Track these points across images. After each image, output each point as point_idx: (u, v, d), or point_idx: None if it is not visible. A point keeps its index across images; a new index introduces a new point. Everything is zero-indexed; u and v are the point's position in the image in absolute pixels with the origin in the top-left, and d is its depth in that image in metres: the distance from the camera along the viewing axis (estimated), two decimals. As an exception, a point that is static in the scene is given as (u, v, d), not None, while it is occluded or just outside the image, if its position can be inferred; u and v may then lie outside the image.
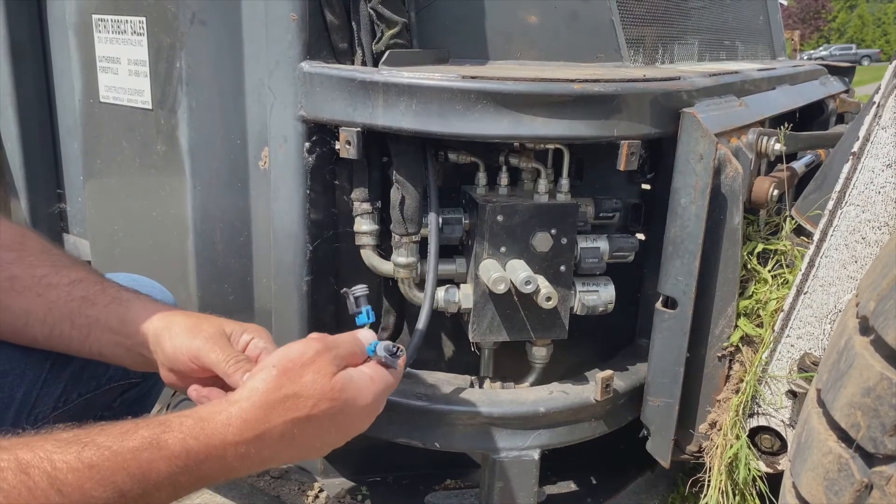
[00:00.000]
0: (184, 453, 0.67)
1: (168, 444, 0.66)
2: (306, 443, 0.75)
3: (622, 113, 1.16)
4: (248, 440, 0.70)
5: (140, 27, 1.41)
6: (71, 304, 0.91)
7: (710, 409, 1.29)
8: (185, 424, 0.69)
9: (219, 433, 0.69)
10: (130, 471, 0.64)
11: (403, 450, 1.37)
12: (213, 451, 0.68)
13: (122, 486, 0.63)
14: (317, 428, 0.74)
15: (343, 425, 0.78)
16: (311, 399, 0.73)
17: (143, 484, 0.65)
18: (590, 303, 1.30)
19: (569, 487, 1.63)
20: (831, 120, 2.03)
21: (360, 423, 0.81)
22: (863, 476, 0.74)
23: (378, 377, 0.82)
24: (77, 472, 0.62)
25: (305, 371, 0.74)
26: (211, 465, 0.68)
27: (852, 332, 0.82)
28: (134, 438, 0.66)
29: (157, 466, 0.65)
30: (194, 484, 0.69)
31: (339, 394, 0.75)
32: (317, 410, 0.73)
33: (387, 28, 1.22)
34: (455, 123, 1.13)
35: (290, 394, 0.72)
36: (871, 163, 1.07)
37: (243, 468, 0.72)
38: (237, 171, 1.39)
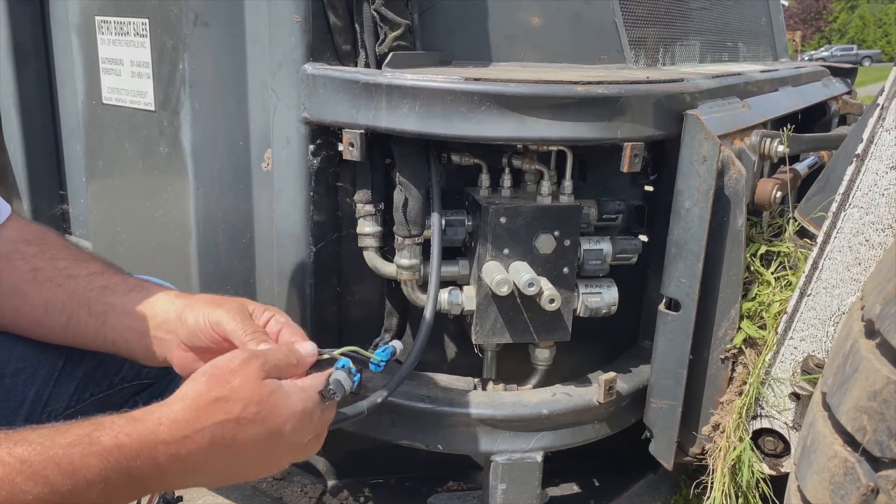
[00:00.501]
0: (115, 449, 0.67)
1: (100, 440, 0.67)
2: (239, 451, 0.75)
3: (625, 115, 1.16)
4: (178, 440, 0.70)
5: (143, 29, 1.41)
6: (90, 293, 0.92)
7: (713, 412, 1.28)
8: (117, 423, 0.69)
9: (150, 431, 0.69)
10: (62, 466, 0.64)
11: (406, 452, 1.37)
12: (145, 448, 0.68)
13: (52, 481, 0.63)
14: (248, 434, 0.74)
15: (276, 435, 0.76)
16: (240, 402, 0.73)
17: (74, 479, 0.64)
18: (593, 305, 1.30)
19: (571, 489, 1.63)
20: (834, 121, 2.03)
21: (293, 435, 0.78)
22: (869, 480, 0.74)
23: (311, 388, 0.80)
24: (7, 467, 0.62)
25: (234, 376, 0.74)
26: (143, 464, 0.68)
27: (858, 336, 0.81)
28: (67, 435, 0.66)
29: (89, 462, 0.65)
30: (127, 485, 0.69)
31: (267, 397, 0.74)
32: (246, 413, 0.73)
33: (390, 30, 1.22)
34: (458, 125, 1.13)
35: (219, 396, 0.73)
36: (874, 165, 1.07)
37: (176, 472, 0.71)
38: (240, 172, 1.38)
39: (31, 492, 0.62)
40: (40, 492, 0.62)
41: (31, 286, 0.92)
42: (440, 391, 1.33)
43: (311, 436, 0.82)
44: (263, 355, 0.79)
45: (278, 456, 0.80)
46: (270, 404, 0.75)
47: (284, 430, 0.77)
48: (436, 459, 1.48)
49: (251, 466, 0.79)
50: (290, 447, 0.80)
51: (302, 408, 0.78)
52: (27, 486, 0.62)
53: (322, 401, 0.81)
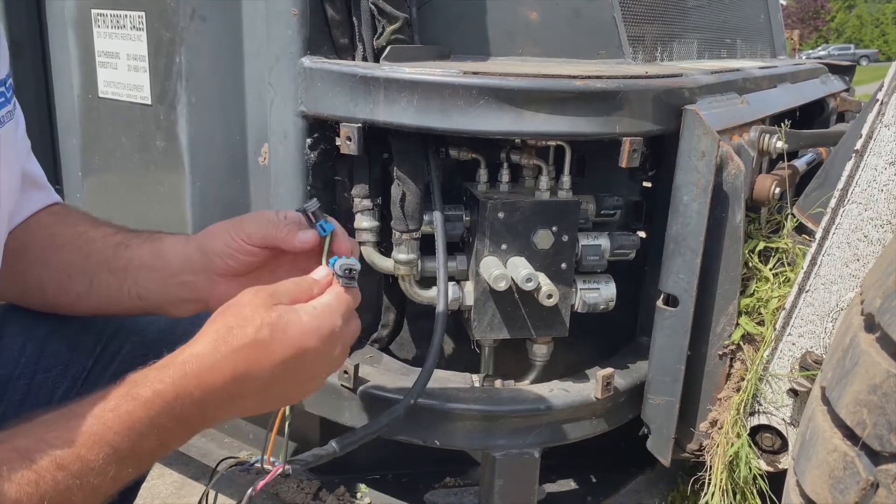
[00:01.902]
0: (156, 397, 0.71)
1: (140, 393, 0.71)
2: (268, 374, 0.76)
3: (624, 110, 1.15)
4: (205, 371, 0.73)
5: (139, 22, 1.40)
6: (107, 251, 0.94)
7: (710, 408, 1.28)
8: (149, 375, 0.73)
9: (179, 371, 0.73)
10: (116, 428, 0.68)
11: (403, 447, 1.36)
12: (179, 388, 0.72)
13: (113, 444, 0.68)
14: (270, 356, 0.75)
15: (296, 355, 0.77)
16: (251, 326, 0.75)
17: (130, 435, 0.69)
18: (591, 300, 1.29)
19: (569, 485, 1.62)
20: (832, 118, 2.03)
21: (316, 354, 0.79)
22: (868, 474, 0.74)
23: (323, 305, 0.81)
24: (71, 444, 0.66)
25: (244, 307, 0.77)
26: (182, 403, 0.72)
27: (857, 330, 0.81)
28: (110, 399, 0.70)
29: (138, 415, 0.70)
30: (176, 426, 0.73)
31: (276, 319, 0.76)
32: (260, 335, 0.75)
33: (388, 23, 1.21)
34: (456, 119, 1.12)
35: (231, 325, 0.75)
36: (873, 160, 1.07)
37: (214, 404, 0.75)
38: (237, 167, 1.38)
39: (99, 458, 0.67)
40: (106, 455, 0.67)
41: (50, 251, 0.94)
42: (437, 387, 1.32)
43: (338, 349, 0.83)
44: (274, 288, 0.80)
45: (313, 372, 0.81)
46: (283, 323, 0.76)
47: (307, 347, 0.78)
48: (433, 455, 1.48)
49: (289, 388, 0.81)
50: (321, 362, 0.81)
51: (318, 324, 0.79)
52: (92, 455, 0.67)
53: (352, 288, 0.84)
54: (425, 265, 1.29)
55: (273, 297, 0.79)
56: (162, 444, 0.73)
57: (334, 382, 1.30)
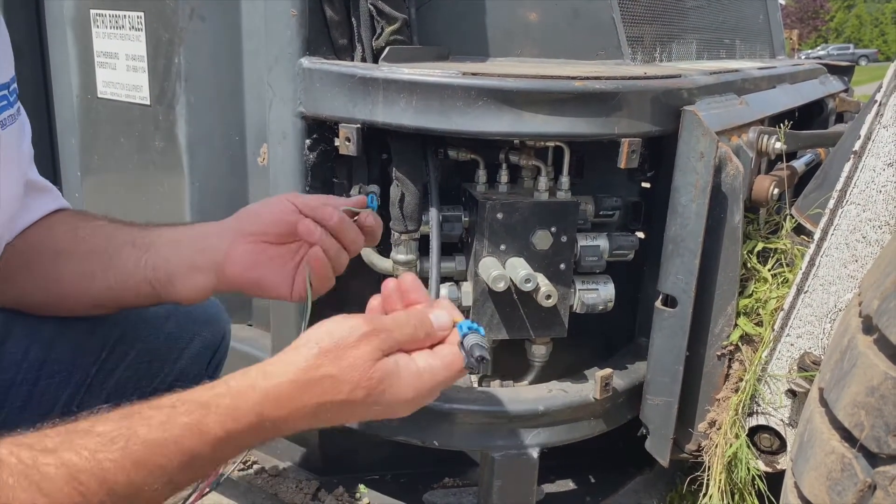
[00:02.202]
0: (225, 435, 0.68)
1: (210, 429, 0.67)
2: (337, 419, 0.75)
3: (623, 110, 1.15)
4: (282, 417, 0.70)
5: (138, 22, 1.41)
6: (133, 230, 0.94)
7: (709, 408, 1.28)
8: (223, 405, 0.69)
9: (255, 411, 0.69)
10: (176, 460, 0.65)
11: (402, 448, 1.36)
12: (252, 427, 0.69)
13: (170, 473, 0.65)
14: (349, 411, 0.73)
15: (377, 412, 0.75)
16: (348, 385, 0.70)
17: (190, 468, 0.67)
18: (589, 301, 1.29)
19: (567, 486, 1.63)
20: (831, 119, 2.03)
21: (399, 412, 0.77)
22: (866, 476, 0.74)
23: (430, 373, 0.75)
24: (125, 471, 0.63)
25: (347, 354, 0.71)
26: (249, 438, 0.70)
27: (855, 331, 0.81)
28: (175, 426, 0.66)
29: (202, 452, 0.67)
30: (235, 454, 0.72)
31: (377, 384, 0.71)
32: (353, 396, 0.71)
33: (387, 24, 1.21)
34: (455, 120, 1.12)
35: (327, 375, 0.70)
36: (872, 161, 1.07)
37: (278, 435, 0.73)
38: (236, 167, 1.38)
39: (153, 485, 0.64)
40: (161, 484, 0.65)
41: (74, 243, 0.93)
42: (436, 387, 1.33)
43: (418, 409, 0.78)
44: (388, 331, 0.74)
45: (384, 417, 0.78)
46: (380, 390, 0.72)
47: (392, 409, 0.75)
48: (432, 456, 1.48)
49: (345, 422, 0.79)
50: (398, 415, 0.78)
51: (414, 395, 0.74)
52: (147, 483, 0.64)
53: (470, 373, 0.80)
54: (424, 266, 1.29)
55: (383, 344, 0.73)
56: (216, 466, 0.71)
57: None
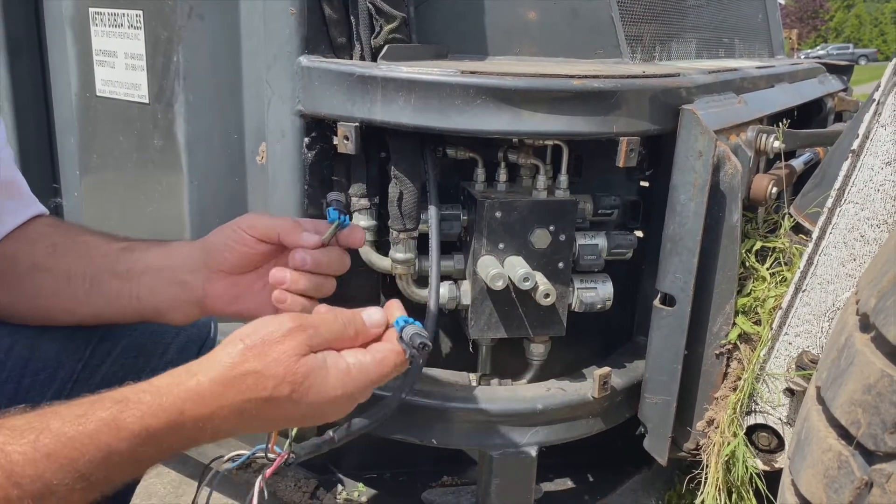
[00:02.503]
0: (143, 431, 0.65)
1: (127, 424, 0.65)
2: (266, 420, 0.72)
3: (621, 109, 1.15)
4: (205, 415, 0.68)
5: (137, 21, 1.40)
6: (110, 256, 0.92)
7: (707, 407, 1.28)
8: (143, 401, 0.66)
9: (176, 408, 0.67)
10: (89, 456, 0.63)
11: (400, 446, 1.36)
12: (173, 425, 0.67)
13: (83, 471, 0.62)
14: (276, 408, 0.70)
15: (307, 411, 0.72)
16: (273, 380, 0.68)
17: (106, 465, 0.64)
18: (588, 300, 1.30)
19: (566, 485, 1.63)
20: (829, 118, 2.03)
21: (329, 413, 0.75)
22: (863, 474, 0.74)
23: (359, 370, 0.73)
24: (35, 464, 0.60)
25: (272, 349, 0.69)
26: (171, 438, 0.67)
27: (852, 330, 0.81)
28: (91, 421, 0.64)
29: (118, 448, 0.64)
30: (157, 455, 0.69)
31: (302, 379, 0.69)
32: (278, 393, 0.69)
33: (385, 22, 1.21)
34: (454, 119, 1.12)
35: (250, 370, 0.69)
36: (870, 160, 1.07)
37: (203, 438, 0.70)
38: (234, 166, 1.38)
39: (64, 482, 0.61)
40: (73, 481, 0.62)
41: (52, 259, 0.92)
42: (434, 386, 1.33)
43: (352, 409, 0.77)
44: (315, 327, 0.73)
45: (319, 420, 0.76)
46: (306, 386, 0.70)
47: (323, 409, 0.73)
48: (430, 454, 1.48)
49: (288, 425, 0.77)
50: (331, 416, 0.76)
51: (342, 392, 0.72)
52: (57, 479, 0.61)
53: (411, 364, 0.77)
54: (423, 264, 1.29)
55: (309, 343, 0.71)
56: (137, 469, 0.68)
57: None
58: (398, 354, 0.77)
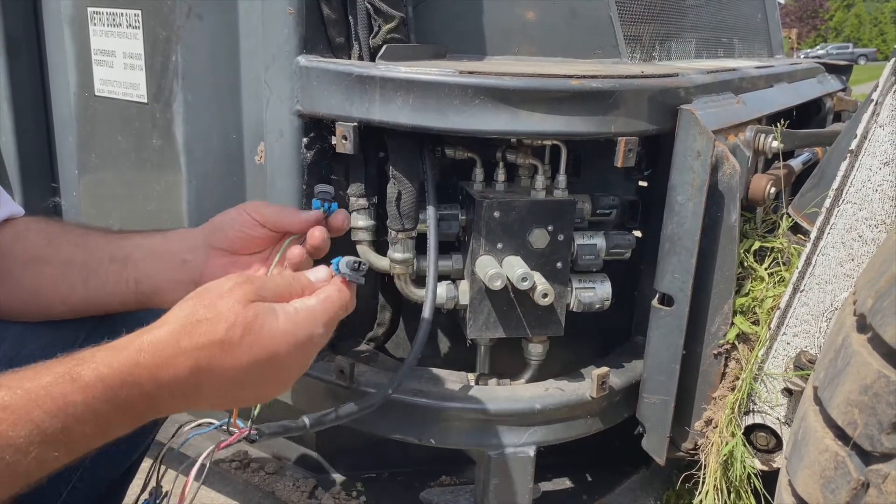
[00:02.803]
0: (99, 382, 0.65)
1: (82, 375, 0.65)
2: (231, 376, 0.71)
3: (620, 109, 1.15)
4: (159, 364, 0.68)
5: (136, 20, 1.40)
6: (110, 244, 0.92)
7: (705, 407, 1.28)
8: (97, 355, 0.67)
9: (131, 359, 0.67)
10: (45, 407, 0.62)
11: (399, 446, 1.36)
12: (128, 377, 0.66)
13: (39, 423, 0.62)
14: (236, 359, 0.70)
15: (265, 361, 0.72)
16: (224, 323, 0.69)
17: (62, 418, 0.63)
18: (586, 300, 1.30)
19: (564, 484, 1.63)
20: (828, 118, 2.03)
21: (288, 362, 0.75)
22: (859, 474, 0.74)
23: (306, 310, 0.75)
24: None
25: (221, 300, 0.71)
26: (128, 392, 0.66)
27: (849, 330, 0.81)
28: (47, 375, 0.64)
29: (73, 399, 0.64)
30: (119, 415, 0.67)
31: (252, 320, 0.71)
32: (230, 336, 0.70)
33: (384, 22, 1.21)
34: (452, 119, 1.12)
35: (201, 319, 0.70)
36: (868, 161, 1.07)
37: (165, 398, 0.69)
38: (233, 166, 1.38)
39: (20, 435, 0.60)
40: (29, 434, 0.61)
41: (49, 249, 0.92)
42: (433, 385, 1.33)
43: (311, 356, 0.77)
44: (259, 281, 0.75)
45: (281, 379, 0.76)
46: (257, 325, 0.71)
47: (280, 354, 0.73)
48: (428, 454, 1.48)
49: (252, 391, 0.76)
50: (292, 370, 0.77)
51: (294, 331, 0.73)
52: (14, 432, 0.60)
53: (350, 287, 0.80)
54: (421, 264, 1.29)
55: (256, 293, 0.73)
56: (101, 431, 0.67)
57: (329, 381, 1.31)
58: (341, 290, 0.80)
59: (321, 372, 1.32)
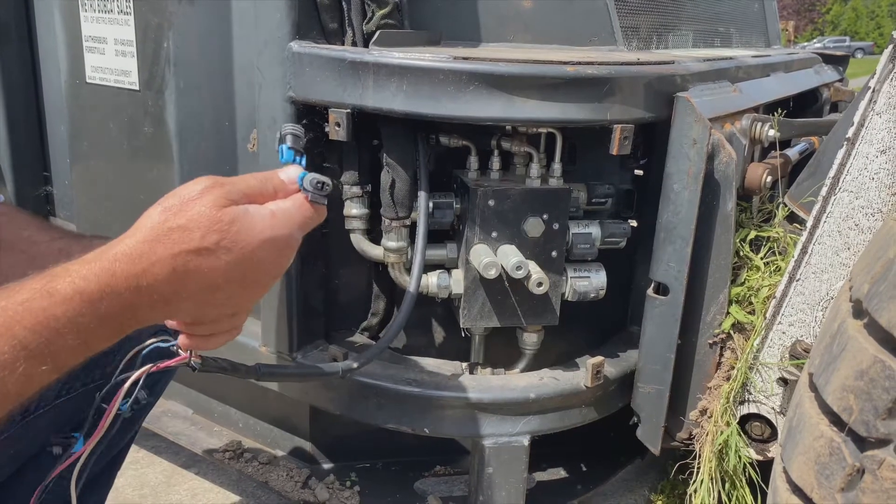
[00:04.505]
0: (76, 295, 0.65)
1: (58, 289, 0.65)
2: (209, 281, 0.71)
3: (615, 96, 1.15)
4: (136, 273, 0.67)
5: (127, 6, 1.39)
6: (49, 258, 0.90)
7: (700, 397, 1.28)
8: (71, 269, 0.66)
9: (107, 269, 0.67)
10: (26, 322, 0.62)
11: (393, 436, 1.36)
12: (106, 287, 0.66)
13: (22, 339, 0.62)
14: (214, 263, 0.70)
15: (243, 262, 0.72)
16: (199, 230, 0.69)
17: (44, 332, 0.63)
18: (581, 289, 1.29)
19: (558, 474, 1.63)
20: (825, 108, 2.02)
21: (266, 264, 0.74)
22: (854, 460, 0.73)
23: (283, 213, 0.75)
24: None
25: (192, 205, 0.70)
26: (109, 303, 0.66)
27: (845, 316, 0.81)
28: (23, 291, 0.64)
29: (53, 313, 0.64)
30: (101, 326, 0.67)
31: (228, 225, 0.70)
32: (206, 242, 0.69)
33: (378, 8, 1.20)
34: (446, 105, 1.11)
35: (175, 226, 0.69)
36: (865, 149, 1.06)
37: (145, 305, 0.69)
38: (225, 153, 1.37)
39: (4, 351, 0.61)
40: (12, 350, 0.61)
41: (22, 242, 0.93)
42: (427, 375, 1.32)
43: (288, 259, 0.77)
44: (230, 183, 0.73)
45: (260, 282, 0.76)
46: (233, 232, 0.70)
47: (256, 258, 0.72)
48: (423, 444, 1.47)
49: (231, 295, 0.74)
50: (270, 273, 0.76)
51: (271, 234, 0.73)
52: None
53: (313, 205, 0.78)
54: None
55: (228, 196, 0.72)
56: (84, 343, 0.66)
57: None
58: None
59: (315, 361, 1.31)
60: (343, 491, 1.52)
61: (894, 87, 1.04)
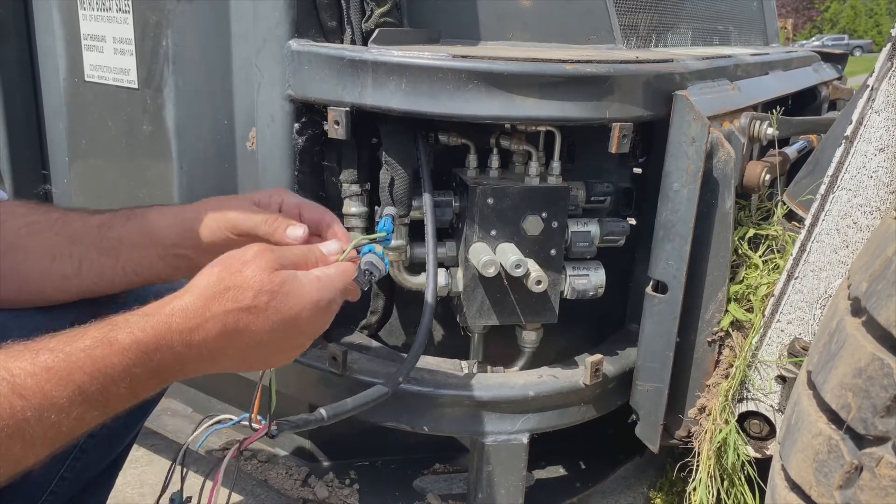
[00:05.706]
0: (134, 345, 0.69)
1: (118, 339, 0.69)
2: (255, 339, 0.76)
3: (614, 95, 1.15)
4: (190, 328, 0.72)
5: (125, 4, 1.39)
6: (91, 233, 0.92)
7: (699, 394, 1.28)
8: (131, 321, 0.71)
9: (164, 323, 0.71)
10: (86, 369, 0.66)
11: (392, 434, 1.36)
12: (161, 340, 0.71)
13: (80, 384, 0.66)
14: (261, 322, 0.75)
15: (289, 322, 0.77)
16: (251, 290, 0.74)
17: (101, 379, 0.67)
18: (580, 287, 1.29)
19: (557, 472, 1.63)
20: (824, 106, 2.03)
21: (310, 323, 0.80)
22: (853, 457, 0.74)
23: (327, 277, 0.81)
24: (35, 377, 0.64)
25: (246, 266, 0.76)
26: (162, 356, 0.71)
27: (844, 314, 0.81)
28: (85, 339, 0.68)
29: (111, 361, 0.68)
30: (151, 377, 0.71)
31: (279, 287, 0.76)
32: (257, 302, 0.74)
33: (376, 6, 1.20)
34: (445, 103, 1.11)
35: (229, 286, 0.74)
36: (863, 147, 1.06)
37: (193, 359, 0.74)
38: (224, 151, 1.37)
39: (63, 395, 0.65)
40: (71, 394, 0.65)
41: (28, 239, 0.92)
42: (426, 373, 1.32)
43: (330, 320, 0.83)
44: (279, 250, 0.79)
45: (299, 343, 0.81)
46: (283, 293, 0.76)
47: (301, 319, 0.78)
48: (422, 442, 1.48)
49: (271, 353, 0.80)
50: (309, 335, 0.81)
51: (317, 297, 0.79)
52: (57, 392, 0.64)
53: (359, 287, 0.85)
54: (414, 251, 1.28)
55: (277, 261, 0.78)
56: (132, 392, 0.71)
57: (323, 368, 1.30)
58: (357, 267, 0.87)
59: (314, 360, 1.31)
60: (342, 489, 1.52)
61: (893, 86, 1.04)
